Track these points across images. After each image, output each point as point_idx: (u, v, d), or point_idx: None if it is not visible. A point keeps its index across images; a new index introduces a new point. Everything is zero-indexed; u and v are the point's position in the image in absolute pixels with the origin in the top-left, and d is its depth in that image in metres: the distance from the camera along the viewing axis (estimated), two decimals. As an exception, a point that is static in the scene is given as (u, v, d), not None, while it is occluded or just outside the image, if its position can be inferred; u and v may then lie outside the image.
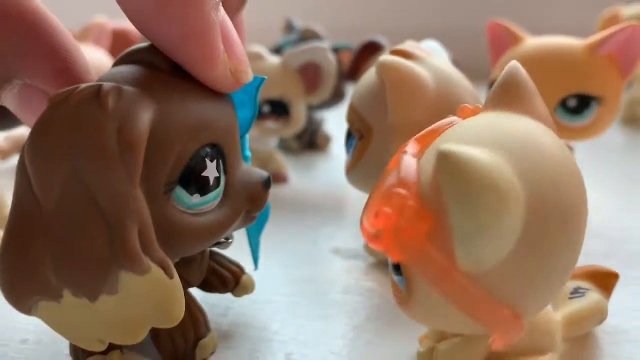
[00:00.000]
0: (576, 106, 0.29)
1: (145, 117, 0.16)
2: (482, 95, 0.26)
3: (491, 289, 0.15)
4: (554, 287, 0.16)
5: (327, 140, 0.46)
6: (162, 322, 0.16)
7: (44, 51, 0.18)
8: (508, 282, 0.15)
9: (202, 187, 0.17)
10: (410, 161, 0.16)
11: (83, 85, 0.16)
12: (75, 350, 0.20)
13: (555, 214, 0.15)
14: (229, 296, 0.24)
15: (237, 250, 0.22)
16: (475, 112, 0.18)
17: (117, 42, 0.43)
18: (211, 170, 0.18)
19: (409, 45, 0.25)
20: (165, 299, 0.16)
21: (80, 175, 0.15)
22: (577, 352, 0.20)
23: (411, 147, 0.17)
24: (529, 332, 0.17)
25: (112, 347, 0.20)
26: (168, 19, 0.17)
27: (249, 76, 0.19)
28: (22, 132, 0.41)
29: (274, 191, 0.37)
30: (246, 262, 0.23)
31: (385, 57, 0.24)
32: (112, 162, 0.15)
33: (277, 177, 0.38)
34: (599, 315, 0.21)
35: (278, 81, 0.36)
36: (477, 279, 0.15)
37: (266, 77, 0.21)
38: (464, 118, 0.18)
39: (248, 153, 0.21)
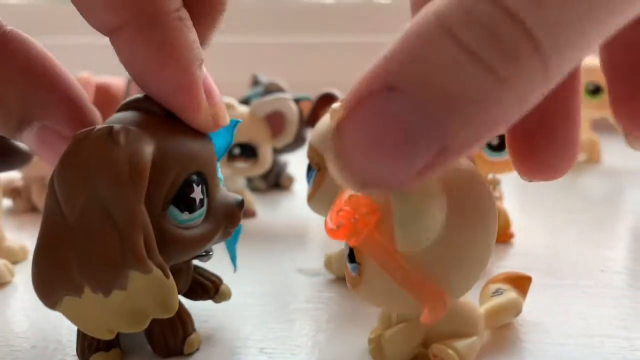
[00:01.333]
0: (498, 143, 0.34)
1: (148, 150, 0.21)
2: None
3: (423, 268, 0.19)
4: (472, 272, 0.20)
5: (290, 180, 0.51)
6: (161, 312, 0.21)
7: (61, 97, 0.22)
8: (435, 263, 0.19)
9: (190, 206, 0.22)
10: None
11: (98, 126, 0.21)
12: (82, 349, 0.23)
13: (470, 212, 0.20)
14: (209, 305, 0.28)
15: (215, 264, 0.26)
16: None
17: (99, 95, 0.48)
18: (197, 193, 0.22)
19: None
20: (164, 294, 0.20)
21: (98, 195, 0.20)
22: (499, 339, 0.25)
23: None
24: (456, 318, 0.22)
25: (112, 345, 0.24)
26: (162, 76, 0.21)
27: (226, 120, 0.24)
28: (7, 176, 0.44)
29: (244, 223, 0.41)
30: (225, 274, 0.27)
31: (336, 105, 0.29)
32: (123, 185, 0.20)
33: (247, 213, 0.43)
34: (515, 309, 0.25)
35: (247, 127, 0.40)
36: (412, 260, 0.19)
37: (241, 120, 0.26)
38: None
39: (220, 176, 0.26)
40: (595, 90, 0.54)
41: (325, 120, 0.30)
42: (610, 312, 0.27)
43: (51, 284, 0.20)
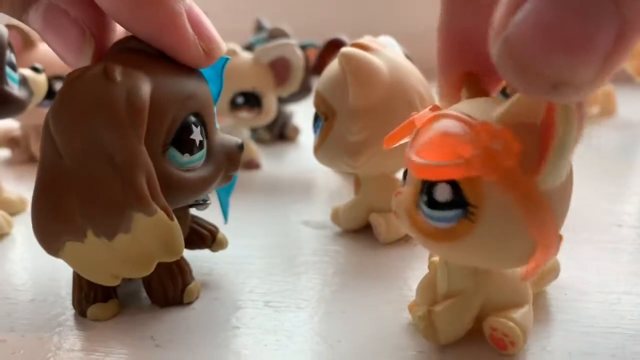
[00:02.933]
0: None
1: (146, 87, 0.20)
2: (432, 86, 0.30)
3: (552, 205, 0.17)
4: (564, 219, 0.18)
5: (296, 131, 0.49)
6: (167, 256, 0.20)
7: None
8: (560, 203, 0.17)
9: (190, 147, 0.21)
10: (450, 117, 0.17)
11: (90, 66, 0.20)
12: (79, 301, 0.23)
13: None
14: (213, 258, 0.27)
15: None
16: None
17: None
18: (196, 134, 0.21)
19: (367, 39, 0.29)
20: (169, 236, 0.20)
21: (97, 136, 0.19)
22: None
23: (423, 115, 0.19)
24: (508, 288, 0.20)
25: (109, 296, 0.23)
26: (141, 18, 0.20)
27: (221, 50, 0.22)
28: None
29: (249, 175, 0.40)
30: (230, 227, 0.27)
31: (346, 49, 0.27)
32: (122, 124, 0.19)
33: (251, 164, 0.42)
34: (554, 271, 0.23)
35: (250, 75, 0.39)
36: (547, 195, 0.17)
37: (229, 57, 0.24)
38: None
39: (216, 122, 0.25)
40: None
41: (333, 67, 0.29)
42: (626, 268, 0.26)
43: (53, 230, 0.20)
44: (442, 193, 0.18)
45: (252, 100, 0.40)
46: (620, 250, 0.28)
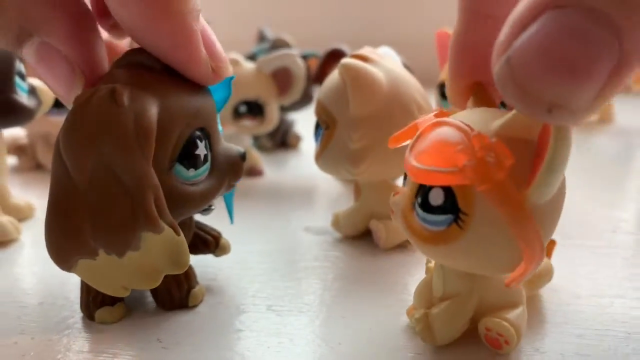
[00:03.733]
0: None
1: (153, 109, 0.20)
2: (430, 94, 0.31)
3: (539, 220, 0.17)
4: (553, 232, 0.19)
5: (297, 139, 0.50)
6: (174, 269, 0.21)
7: (63, 14, 0.21)
8: (547, 217, 0.18)
9: (195, 162, 0.22)
10: (450, 125, 0.18)
11: (100, 87, 0.20)
12: (87, 304, 0.24)
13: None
14: (217, 263, 0.28)
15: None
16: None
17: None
18: (201, 149, 0.22)
19: (366, 51, 0.29)
20: (176, 251, 0.20)
21: (106, 159, 0.19)
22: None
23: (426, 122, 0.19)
24: (503, 289, 0.20)
25: (116, 300, 0.24)
26: (157, 32, 0.21)
27: (228, 71, 0.23)
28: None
29: (251, 182, 0.41)
30: (233, 232, 0.27)
31: (346, 60, 0.28)
32: (130, 147, 0.19)
33: (253, 171, 0.42)
34: (548, 274, 0.24)
35: (253, 84, 0.40)
36: (536, 210, 0.17)
37: (235, 76, 0.25)
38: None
39: (220, 128, 0.25)
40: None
41: (334, 77, 0.29)
42: (620, 273, 0.27)
43: (65, 249, 0.20)
44: (436, 197, 0.18)
45: (254, 109, 0.40)
46: (614, 255, 0.28)
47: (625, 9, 0.13)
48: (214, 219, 0.26)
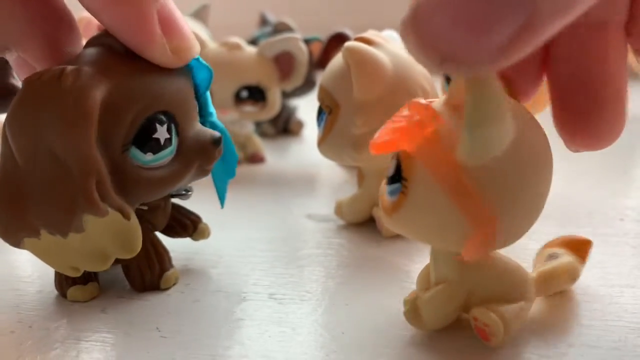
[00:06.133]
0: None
1: (96, 92, 0.20)
2: (435, 79, 0.30)
3: (479, 184, 0.17)
4: (526, 212, 0.18)
5: (299, 125, 0.50)
6: (122, 253, 0.21)
7: (37, 31, 0.21)
8: (493, 182, 0.17)
9: (152, 146, 0.21)
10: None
11: (52, 68, 0.20)
12: (60, 282, 0.24)
13: (532, 148, 0.18)
14: (217, 251, 0.27)
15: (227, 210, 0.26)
16: None
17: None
18: (161, 133, 0.21)
19: (370, 34, 0.29)
20: (124, 235, 0.20)
21: (46, 140, 0.19)
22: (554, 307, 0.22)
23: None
24: (503, 281, 0.20)
25: (89, 279, 0.24)
26: (111, 15, 0.21)
27: (192, 52, 0.22)
28: None
29: (253, 169, 0.41)
30: (235, 218, 0.27)
31: (350, 43, 0.27)
32: (70, 129, 0.19)
33: (255, 157, 0.42)
34: (570, 274, 0.23)
35: (255, 69, 0.39)
36: (470, 175, 0.17)
37: (200, 57, 0.24)
38: None
39: (212, 109, 0.25)
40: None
41: (337, 61, 0.29)
42: (629, 262, 0.26)
43: (10, 227, 0.20)
44: (390, 168, 0.19)
45: (256, 94, 0.40)
46: (623, 244, 0.28)
47: None
48: (214, 205, 0.25)
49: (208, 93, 0.24)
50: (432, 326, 0.20)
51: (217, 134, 0.23)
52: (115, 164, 0.20)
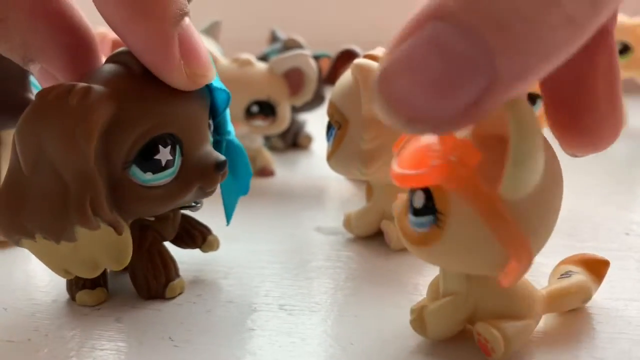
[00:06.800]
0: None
1: (101, 112, 0.20)
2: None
3: (519, 217, 0.17)
4: (548, 233, 0.19)
5: (308, 139, 0.50)
6: (112, 265, 0.22)
7: (59, 46, 0.22)
8: (527, 209, 0.17)
9: (154, 167, 0.22)
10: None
11: (63, 84, 0.21)
12: (70, 286, 0.25)
13: (553, 171, 0.18)
14: (228, 262, 0.28)
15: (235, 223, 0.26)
16: None
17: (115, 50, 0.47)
18: (163, 154, 0.22)
19: (379, 51, 0.29)
20: (115, 248, 0.22)
21: (47, 154, 0.20)
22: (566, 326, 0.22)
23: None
24: (509, 297, 0.20)
25: (97, 284, 0.25)
26: (132, 33, 0.21)
27: (207, 78, 0.22)
28: None
29: (263, 182, 0.41)
30: (244, 232, 0.27)
31: (359, 60, 0.28)
32: (70, 146, 0.20)
33: (265, 171, 0.42)
34: (582, 294, 0.23)
35: (265, 84, 0.40)
36: (511, 207, 0.17)
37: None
38: None
39: (230, 128, 0.25)
40: (623, 50, 0.52)
41: (346, 77, 0.29)
42: (634, 276, 0.26)
43: (9, 227, 0.22)
44: (418, 200, 0.19)
45: (266, 109, 0.40)
46: (627, 258, 0.28)
47: (499, 28, 0.13)
48: (224, 218, 0.26)
49: (227, 112, 0.25)
50: (436, 336, 0.21)
51: (221, 157, 0.23)
52: (116, 180, 0.21)
